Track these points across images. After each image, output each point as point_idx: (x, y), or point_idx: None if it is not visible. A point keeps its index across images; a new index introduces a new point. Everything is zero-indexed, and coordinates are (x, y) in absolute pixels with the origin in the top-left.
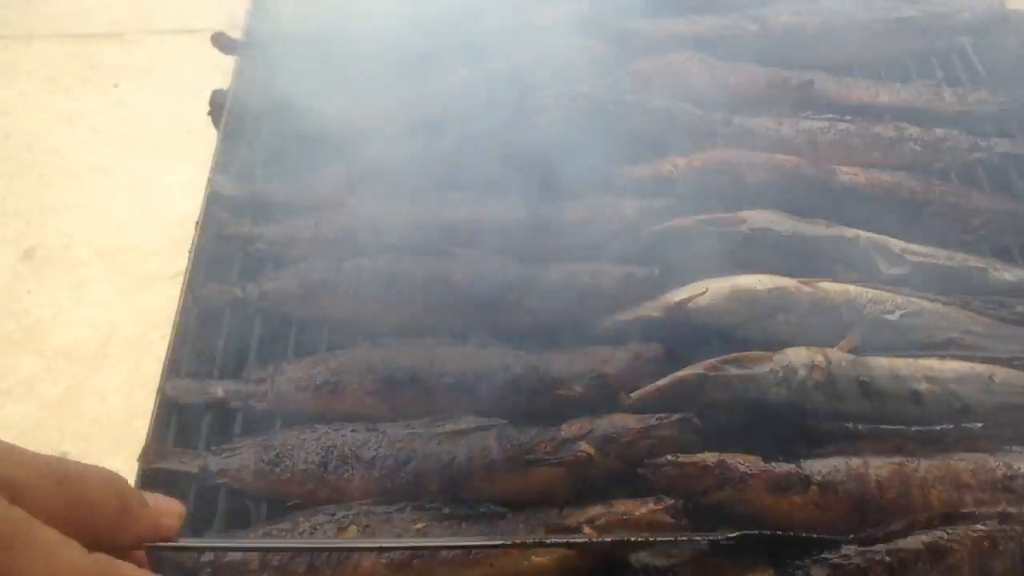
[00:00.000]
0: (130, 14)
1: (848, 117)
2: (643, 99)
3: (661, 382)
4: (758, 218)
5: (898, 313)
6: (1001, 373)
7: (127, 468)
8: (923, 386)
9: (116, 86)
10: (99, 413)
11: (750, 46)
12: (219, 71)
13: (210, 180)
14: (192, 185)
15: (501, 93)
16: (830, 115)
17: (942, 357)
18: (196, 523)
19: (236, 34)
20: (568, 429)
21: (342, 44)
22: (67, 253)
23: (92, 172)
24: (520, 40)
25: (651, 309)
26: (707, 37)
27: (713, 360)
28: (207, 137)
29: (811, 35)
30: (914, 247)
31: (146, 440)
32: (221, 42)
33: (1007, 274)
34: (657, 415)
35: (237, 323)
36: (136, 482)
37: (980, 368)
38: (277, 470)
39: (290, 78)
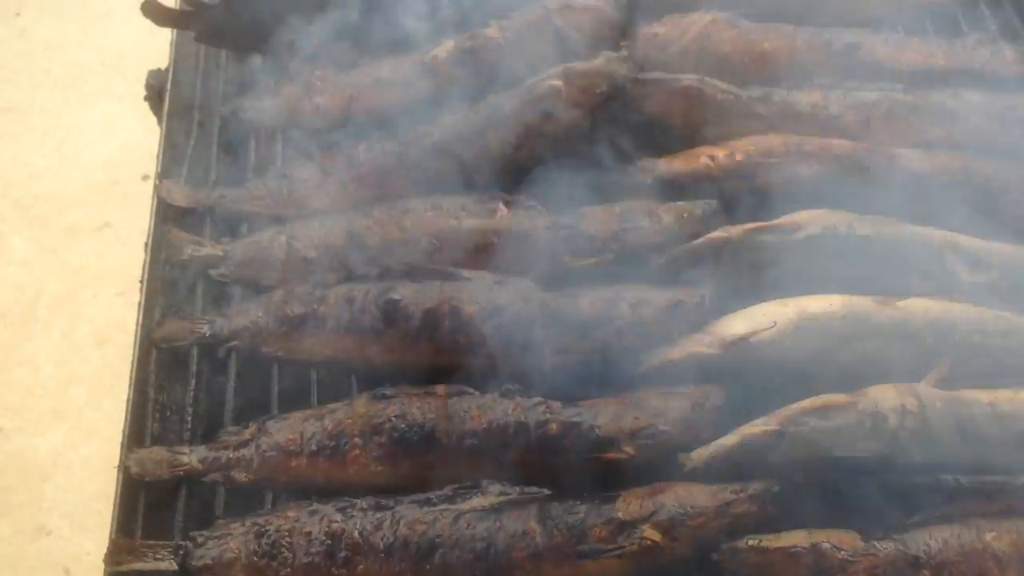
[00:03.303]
0: None
1: (900, 86)
2: (665, 76)
3: (727, 440)
4: (815, 221)
5: (989, 333)
6: None
7: (67, 442)
8: None
9: (17, 15)
10: (32, 383)
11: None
12: None
13: (156, 188)
14: (111, 124)
15: (497, 72)
16: (881, 84)
17: None
18: None
19: None
20: (626, 509)
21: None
22: None
23: None
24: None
25: (705, 344)
26: None
27: (789, 411)
28: (121, 69)
29: None
30: (996, 246)
31: (111, 533)
32: (153, 10)
33: None
34: (732, 487)
35: (206, 368)
36: None
37: None
38: (274, 564)
39: (242, 54)
